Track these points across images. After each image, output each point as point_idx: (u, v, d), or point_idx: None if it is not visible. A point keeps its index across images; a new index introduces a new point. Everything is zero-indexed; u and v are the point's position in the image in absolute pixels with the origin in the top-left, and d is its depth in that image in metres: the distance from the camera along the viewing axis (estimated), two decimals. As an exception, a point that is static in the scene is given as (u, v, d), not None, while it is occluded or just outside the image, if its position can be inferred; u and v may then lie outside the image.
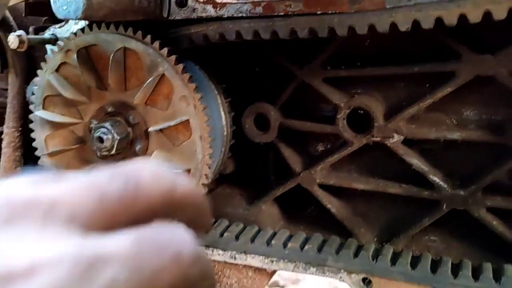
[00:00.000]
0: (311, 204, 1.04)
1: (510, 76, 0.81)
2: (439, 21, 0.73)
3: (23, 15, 1.09)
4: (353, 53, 0.93)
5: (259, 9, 0.83)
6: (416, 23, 0.75)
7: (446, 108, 0.90)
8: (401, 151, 0.91)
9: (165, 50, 0.85)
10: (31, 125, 0.99)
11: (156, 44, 0.85)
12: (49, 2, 0.85)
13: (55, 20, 1.06)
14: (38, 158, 1.01)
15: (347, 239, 0.98)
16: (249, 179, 1.12)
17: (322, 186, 1.00)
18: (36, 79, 1.02)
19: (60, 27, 1.00)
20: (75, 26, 0.98)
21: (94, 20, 0.85)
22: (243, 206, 1.07)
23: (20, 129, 1.08)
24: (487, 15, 0.71)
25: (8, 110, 1.07)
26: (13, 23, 1.09)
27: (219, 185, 1.13)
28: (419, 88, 0.90)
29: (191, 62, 0.95)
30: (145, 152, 0.93)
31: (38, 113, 0.96)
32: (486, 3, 0.71)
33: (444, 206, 0.91)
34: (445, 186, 0.90)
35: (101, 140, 0.88)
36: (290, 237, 0.96)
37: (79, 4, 0.77)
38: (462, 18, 0.72)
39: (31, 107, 0.99)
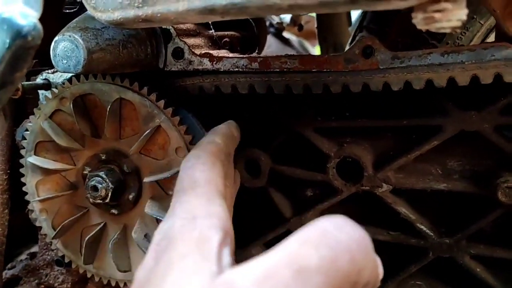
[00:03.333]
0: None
1: (493, 131, 0.85)
2: (429, 82, 0.77)
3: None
4: (342, 104, 0.96)
5: (255, 65, 0.85)
6: (407, 84, 0.78)
7: (431, 158, 0.93)
8: (389, 200, 0.93)
9: (161, 102, 0.86)
10: (21, 170, 0.99)
11: (153, 96, 0.86)
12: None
13: (44, 62, 1.07)
14: (27, 201, 1.01)
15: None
16: (239, 223, 1.12)
17: (312, 232, 1.02)
18: (26, 123, 1.01)
19: (53, 72, 1.00)
20: (68, 72, 0.99)
21: (94, 73, 0.86)
22: (233, 250, 1.08)
23: (8, 171, 1.07)
24: (475, 79, 0.75)
25: (-4, 152, 1.06)
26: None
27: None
28: (406, 139, 0.93)
29: (183, 109, 0.96)
30: (138, 199, 0.93)
31: (30, 159, 0.95)
32: (474, 68, 0.75)
33: (431, 253, 0.93)
34: (432, 234, 0.93)
35: (95, 189, 0.89)
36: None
37: (80, 59, 0.78)
38: (451, 80, 0.76)
39: (22, 151, 0.99)
